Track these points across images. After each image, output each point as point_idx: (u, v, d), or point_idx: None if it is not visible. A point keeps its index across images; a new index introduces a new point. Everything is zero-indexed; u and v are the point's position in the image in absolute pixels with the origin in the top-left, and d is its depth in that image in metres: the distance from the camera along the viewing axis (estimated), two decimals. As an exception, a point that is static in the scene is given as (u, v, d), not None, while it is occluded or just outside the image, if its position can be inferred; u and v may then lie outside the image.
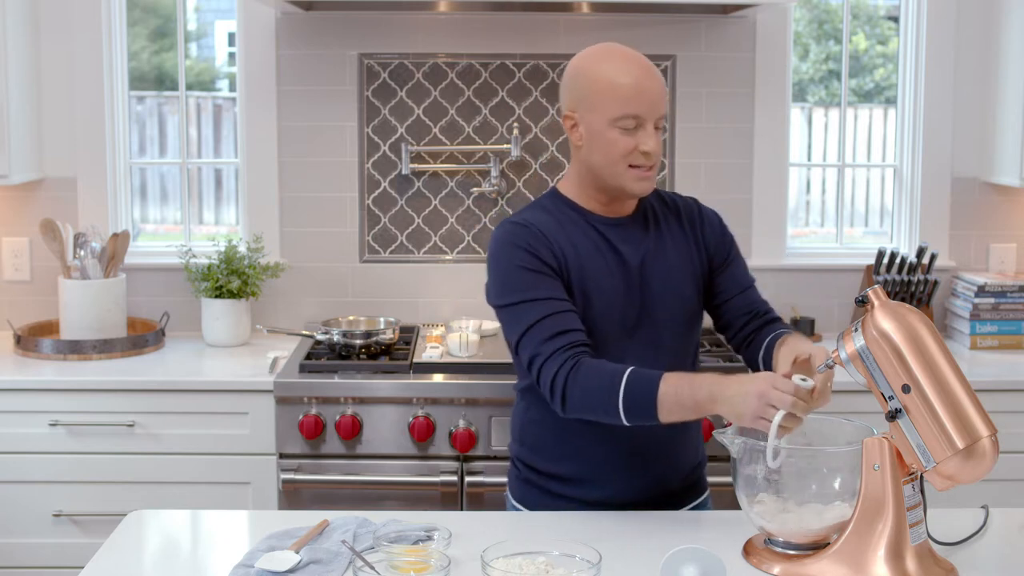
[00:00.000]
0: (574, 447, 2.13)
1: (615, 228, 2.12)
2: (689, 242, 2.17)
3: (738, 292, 2.20)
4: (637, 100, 2.01)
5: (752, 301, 2.21)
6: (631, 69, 2.03)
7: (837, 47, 3.84)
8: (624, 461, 2.12)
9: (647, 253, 2.12)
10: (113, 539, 1.96)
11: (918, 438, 1.70)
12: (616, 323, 2.09)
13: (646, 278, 2.10)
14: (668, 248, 2.14)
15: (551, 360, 1.97)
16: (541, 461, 2.17)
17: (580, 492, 2.14)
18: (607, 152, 2.04)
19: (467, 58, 3.54)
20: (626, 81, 2.01)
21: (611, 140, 2.03)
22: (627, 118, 2.01)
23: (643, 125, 2.02)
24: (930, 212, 3.64)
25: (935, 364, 1.70)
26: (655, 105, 2.03)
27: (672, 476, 2.18)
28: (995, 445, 1.69)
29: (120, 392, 3.02)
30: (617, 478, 2.13)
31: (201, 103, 3.88)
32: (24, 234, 3.56)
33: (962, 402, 1.69)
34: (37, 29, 3.48)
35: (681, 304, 2.13)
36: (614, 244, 2.10)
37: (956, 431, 1.67)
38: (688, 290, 2.14)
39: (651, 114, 2.02)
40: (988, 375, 3.14)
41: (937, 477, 1.70)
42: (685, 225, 2.18)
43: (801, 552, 1.82)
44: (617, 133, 2.02)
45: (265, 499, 3.03)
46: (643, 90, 2.01)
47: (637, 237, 2.12)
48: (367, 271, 3.61)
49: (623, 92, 2.01)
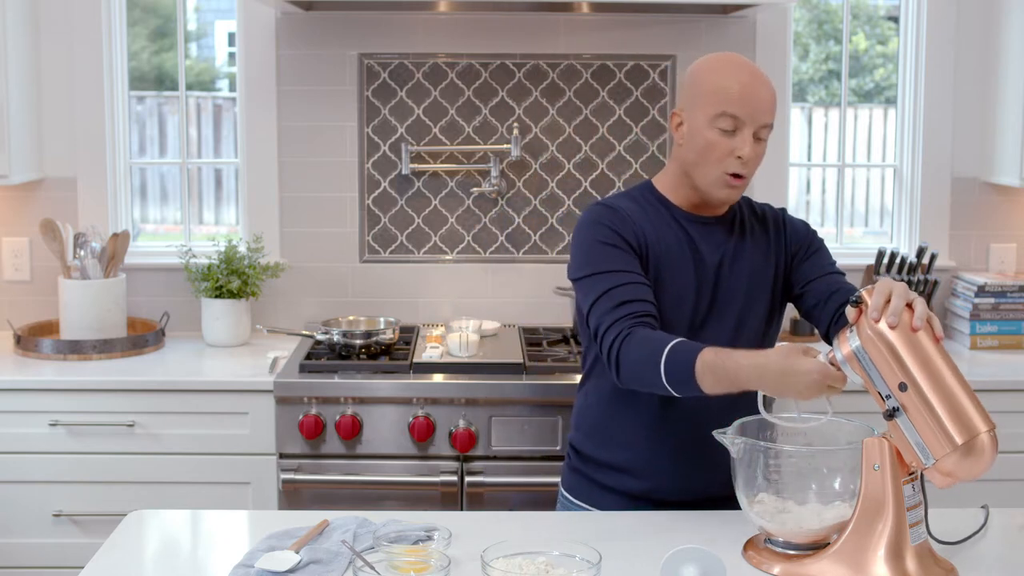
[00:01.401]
0: (624, 435, 2.14)
1: (699, 226, 2.13)
2: (770, 250, 2.18)
3: (820, 275, 2.17)
4: (739, 101, 2.01)
5: (836, 283, 2.17)
6: (740, 74, 2.03)
7: (837, 47, 3.84)
8: (672, 455, 2.12)
9: (726, 254, 2.13)
10: (113, 539, 1.96)
11: (916, 436, 1.70)
12: (684, 319, 2.09)
13: (721, 279, 2.11)
14: (748, 254, 2.15)
15: (611, 329, 1.98)
16: (592, 447, 2.19)
17: (625, 483, 2.15)
18: (702, 152, 2.05)
19: (467, 58, 3.54)
20: (732, 83, 2.02)
21: (708, 140, 2.04)
22: (725, 117, 2.02)
23: (741, 129, 2.02)
24: (930, 212, 3.64)
25: (931, 361, 1.70)
26: (757, 111, 2.02)
27: (723, 478, 2.15)
28: (994, 441, 1.69)
29: (120, 392, 3.02)
30: (663, 472, 2.13)
31: (201, 103, 3.88)
32: (24, 234, 3.56)
33: (959, 398, 1.69)
34: (37, 29, 3.48)
35: (752, 310, 2.14)
36: (695, 241, 2.11)
37: (954, 427, 1.67)
38: (761, 297, 2.15)
39: (752, 119, 2.02)
40: (988, 375, 3.14)
41: (937, 474, 1.70)
42: (771, 233, 2.19)
43: (801, 552, 1.82)
44: (716, 134, 2.03)
45: (265, 499, 3.03)
46: (747, 93, 2.02)
47: (719, 238, 2.14)
48: (367, 271, 3.61)
49: (726, 92, 2.02)
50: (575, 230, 2.14)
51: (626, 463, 2.15)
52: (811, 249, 2.21)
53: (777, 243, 2.20)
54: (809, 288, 2.17)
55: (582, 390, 2.25)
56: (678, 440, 2.12)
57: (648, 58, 3.55)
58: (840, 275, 2.21)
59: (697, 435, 2.07)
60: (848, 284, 2.19)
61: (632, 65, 3.55)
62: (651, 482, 2.14)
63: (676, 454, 2.13)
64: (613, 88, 3.56)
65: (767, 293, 2.17)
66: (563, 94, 3.56)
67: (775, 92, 2.07)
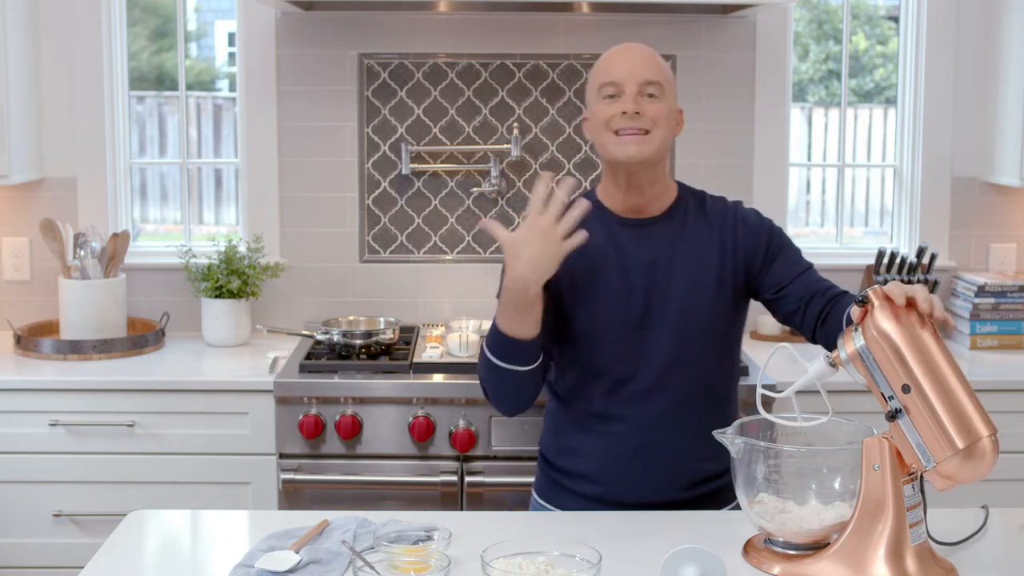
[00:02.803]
0: (576, 442, 2.17)
1: (633, 229, 2.15)
2: (713, 242, 2.15)
3: (792, 278, 2.15)
4: (613, 68, 2.11)
5: (811, 282, 2.15)
6: (614, 49, 2.16)
7: (837, 47, 3.84)
8: (624, 459, 2.14)
9: (660, 255, 2.12)
10: (113, 539, 1.96)
11: (918, 438, 1.70)
12: (618, 321, 2.10)
13: (656, 280, 2.11)
14: (685, 248, 2.13)
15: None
16: (553, 454, 2.24)
17: (582, 487, 2.17)
18: (595, 125, 2.13)
19: (467, 58, 3.54)
20: (605, 58, 2.15)
21: (596, 114, 2.12)
22: (605, 86, 2.10)
23: (623, 90, 2.09)
24: (930, 212, 3.64)
25: (935, 364, 1.70)
26: (633, 70, 2.09)
27: (678, 482, 2.16)
28: (995, 445, 1.69)
29: (120, 392, 3.02)
30: (616, 476, 2.15)
31: (201, 103, 3.88)
32: (24, 234, 3.56)
33: (962, 402, 1.69)
34: (37, 29, 3.48)
35: (696, 308, 2.12)
36: (627, 245, 2.13)
37: (956, 431, 1.67)
38: (704, 290, 2.13)
39: (629, 78, 2.08)
40: (988, 375, 3.14)
41: (937, 477, 1.70)
42: (717, 228, 2.16)
43: (801, 552, 1.82)
44: (602, 106, 2.11)
45: (265, 499, 3.03)
46: (619, 58, 2.12)
47: (655, 239, 2.14)
48: (367, 271, 3.61)
49: (602, 66, 2.14)
50: None
51: (582, 469, 2.17)
52: (774, 249, 2.17)
53: (725, 238, 2.16)
54: (784, 293, 2.15)
55: (548, 397, 2.29)
56: (631, 444, 2.13)
57: (648, 58, 3.55)
58: (810, 269, 2.18)
59: (644, 439, 2.11)
60: (822, 279, 2.16)
61: (632, 65, 3.55)
62: (605, 487, 2.16)
63: (626, 460, 2.14)
64: (613, 88, 3.55)
65: (714, 290, 2.13)
66: (563, 94, 3.56)
67: (653, 54, 2.14)
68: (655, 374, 2.11)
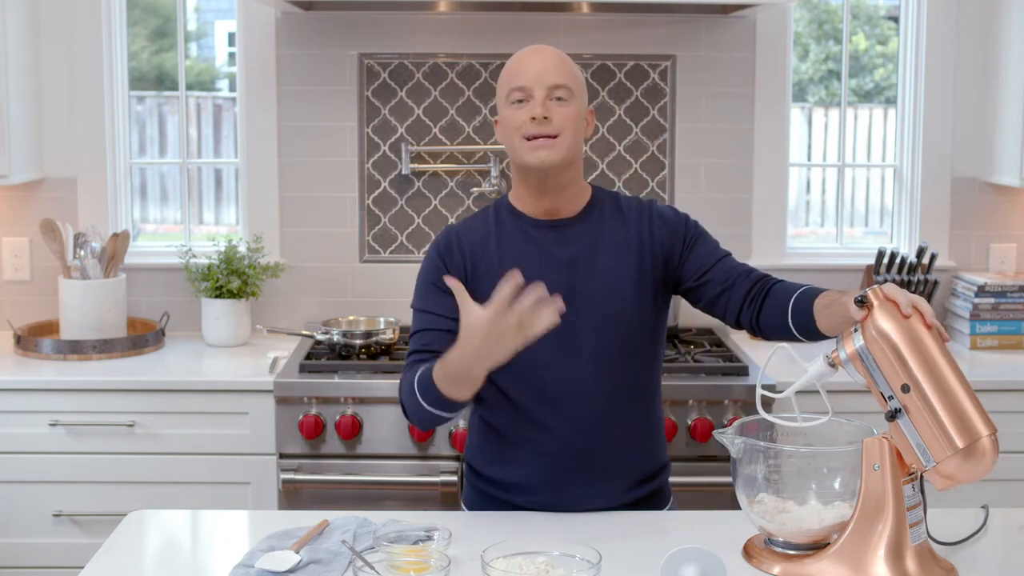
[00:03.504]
0: (512, 452, 2.12)
1: (549, 230, 2.13)
2: (631, 239, 2.13)
3: (713, 263, 2.13)
4: (520, 72, 2.07)
5: (732, 267, 2.14)
6: (522, 52, 2.12)
7: (837, 47, 3.84)
8: (557, 469, 2.09)
9: (579, 253, 2.10)
10: (113, 539, 1.96)
11: (918, 438, 1.70)
12: None
13: (577, 277, 2.08)
14: (603, 245, 2.11)
15: (402, 376, 2.10)
16: (483, 464, 2.19)
17: (520, 498, 2.12)
18: (505, 131, 2.10)
19: (467, 58, 3.54)
20: (513, 62, 2.11)
21: (506, 118, 2.09)
22: (513, 91, 2.07)
23: (531, 95, 2.06)
24: (930, 212, 3.64)
25: (934, 364, 1.70)
26: (540, 73, 2.06)
27: (618, 485, 2.13)
28: (995, 444, 1.69)
29: (120, 392, 3.02)
30: (551, 486, 2.10)
31: (201, 103, 3.88)
32: (24, 234, 3.56)
33: (962, 401, 1.69)
34: (37, 29, 3.48)
35: (617, 305, 2.09)
36: (544, 245, 2.11)
37: (956, 430, 1.67)
38: (624, 286, 2.10)
39: (537, 82, 2.06)
40: (988, 375, 3.14)
41: (937, 477, 1.70)
42: (631, 224, 2.14)
43: (801, 552, 1.82)
44: (511, 111, 2.08)
45: (265, 499, 3.03)
46: (526, 61, 2.09)
47: (571, 239, 2.11)
48: (367, 271, 3.61)
49: (509, 71, 2.10)
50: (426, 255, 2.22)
51: (515, 479, 2.12)
52: (691, 238, 2.16)
53: (643, 235, 2.14)
54: (706, 279, 2.13)
55: (472, 410, 2.24)
56: (565, 451, 2.09)
57: (648, 58, 3.55)
58: (729, 256, 2.17)
59: (576, 446, 2.08)
60: (743, 264, 2.15)
61: (632, 65, 3.55)
62: (544, 495, 2.11)
63: (564, 466, 2.09)
64: (613, 88, 3.56)
65: (635, 286, 2.11)
66: (563, 94, 3.55)
67: (562, 56, 2.10)
68: (582, 373, 2.08)
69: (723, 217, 3.59)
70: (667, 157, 3.58)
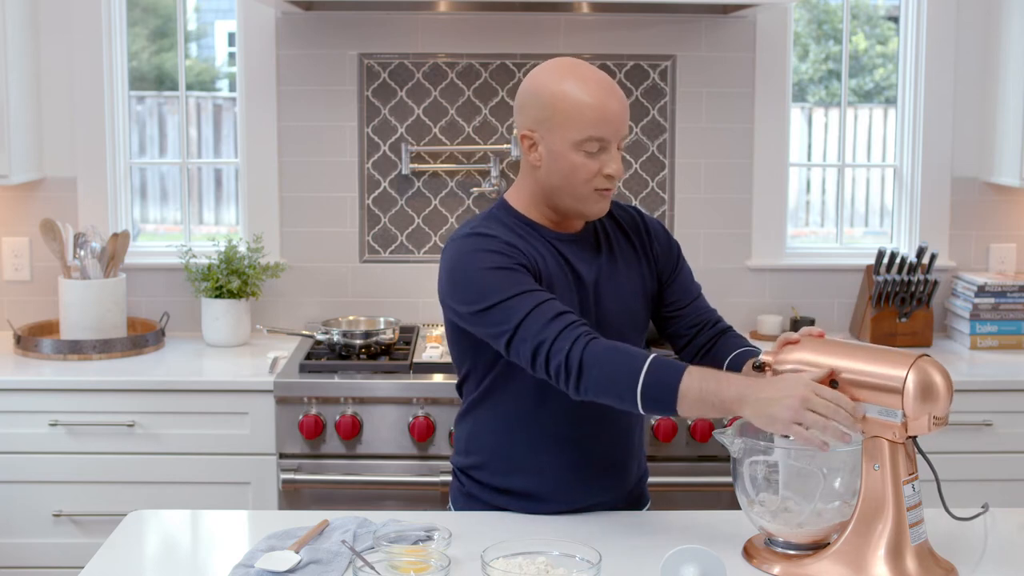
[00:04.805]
0: (524, 461, 2.07)
1: (569, 245, 2.06)
2: (639, 258, 2.13)
3: (688, 302, 2.17)
4: (603, 123, 1.94)
5: (702, 310, 2.18)
6: (594, 89, 1.94)
7: (837, 47, 3.84)
8: (574, 475, 2.07)
9: (600, 272, 2.07)
10: (113, 539, 1.96)
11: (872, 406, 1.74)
12: None
13: (599, 296, 2.07)
14: (620, 267, 2.10)
15: (560, 339, 1.86)
16: (489, 475, 2.10)
17: (524, 507, 2.08)
18: (569, 175, 1.96)
19: (467, 58, 3.54)
20: (590, 102, 1.93)
21: (574, 164, 1.95)
22: (591, 141, 1.94)
23: (607, 148, 1.96)
24: (930, 212, 3.64)
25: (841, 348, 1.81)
26: (620, 127, 1.96)
27: (618, 489, 2.14)
28: (933, 362, 1.73)
29: (120, 392, 3.02)
30: (565, 492, 2.08)
31: (201, 103, 3.88)
32: (24, 234, 3.56)
33: (881, 352, 1.77)
34: (37, 29, 3.48)
35: (631, 322, 2.10)
36: (571, 261, 2.04)
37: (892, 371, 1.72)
38: (637, 307, 2.12)
39: (616, 136, 1.96)
40: (988, 375, 3.14)
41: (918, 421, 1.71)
42: (634, 240, 2.14)
43: (801, 552, 1.82)
44: (581, 157, 1.95)
45: (265, 499, 3.03)
46: (608, 112, 1.94)
47: (589, 256, 2.08)
48: (367, 271, 3.61)
49: (588, 114, 1.93)
50: (449, 266, 2.00)
51: (528, 488, 2.08)
52: (677, 268, 2.18)
53: (644, 250, 2.14)
54: (677, 315, 2.16)
55: (469, 416, 2.13)
56: (584, 458, 2.07)
57: (648, 58, 3.55)
58: (700, 296, 2.19)
59: (599, 447, 2.08)
60: (709, 308, 2.19)
61: (632, 65, 3.55)
62: (554, 504, 2.07)
63: (581, 471, 2.08)
64: (613, 88, 3.55)
65: (643, 302, 2.13)
66: (563, 94, 3.55)
67: (625, 99, 1.99)
68: None
69: (723, 217, 3.59)
70: (667, 157, 3.58)
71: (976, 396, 3.03)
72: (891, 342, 3.34)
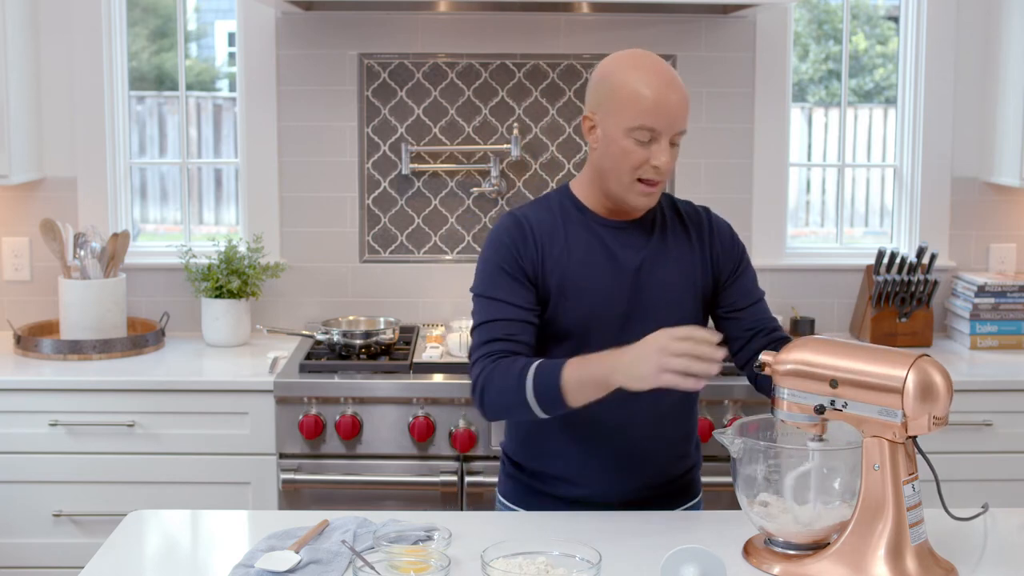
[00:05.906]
0: (556, 446, 2.13)
1: (616, 231, 2.10)
2: (694, 253, 2.14)
3: (747, 305, 2.17)
4: (655, 113, 1.97)
5: (760, 316, 2.17)
6: (655, 81, 1.98)
7: (837, 47, 3.84)
8: (606, 462, 2.11)
9: (645, 259, 2.09)
10: (113, 539, 1.96)
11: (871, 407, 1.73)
12: (601, 326, 2.06)
13: (641, 284, 2.08)
14: (670, 257, 2.11)
15: (475, 365, 2.02)
16: (525, 457, 2.19)
17: (560, 489, 2.14)
18: (618, 161, 2.01)
19: (467, 58, 3.54)
20: (647, 92, 1.97)
21: (624, 149, 2.00)
22: (643, 130, 1.97)
23: (658, 139, 1.98)
24: (930, 212, 3.64)
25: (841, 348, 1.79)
26: (674, 120, 1.99)
27: (658, 478, 2.16)
28: (933, 361, 1.73)
29: (120, 392, 3.02)
30: (599, 478, 2.12)
31: (201, 103, 3.88)
32: (24, 234, 3.56)
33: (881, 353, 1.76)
34: (37, 29, 3.48)
35: (676, 314, 2.09)
36: (611, 247, 2.08)
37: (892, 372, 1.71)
38: (686, 301, 2.12)
39: (668, 129, 1.99)
40: (988, 375, 3.14)
41: (918, 421, 1.71)
42: (692, 235, 2.15)
43: (801, 552, 1.82)
44: (631, 143, 1.99)
45: (265, 499, 3.03)
46: (663, 104, 1.97)
47: (638, 242, 2.10)
48: (367, 271, 3.61)
49: (643, 103, 1.97)
50: (486, 239, 2.12)
51: (562, 472, 2.14)
52: (741, 269, 2.18)
53: (702, 245, 2.15)
54: (734, 317, 2.16)
55: None
56: (614, 445, 2.11)
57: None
58: (761, 300, 2.20)
59: (628, 444, 2.10)
60: (769, 315, 2.19)
61: (632, 65, 3.55)
62: (587, 489, 2.13)
63: (609, 462, 2.12)
64: (613, 88, 3.55)
65: (693, 295, 2.13)
66: (563, 94, 3.56)
67: (688, 97, 2.02)
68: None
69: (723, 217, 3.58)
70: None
71: (976, 396, 3.03)
72: (891, 342, 3.34)
